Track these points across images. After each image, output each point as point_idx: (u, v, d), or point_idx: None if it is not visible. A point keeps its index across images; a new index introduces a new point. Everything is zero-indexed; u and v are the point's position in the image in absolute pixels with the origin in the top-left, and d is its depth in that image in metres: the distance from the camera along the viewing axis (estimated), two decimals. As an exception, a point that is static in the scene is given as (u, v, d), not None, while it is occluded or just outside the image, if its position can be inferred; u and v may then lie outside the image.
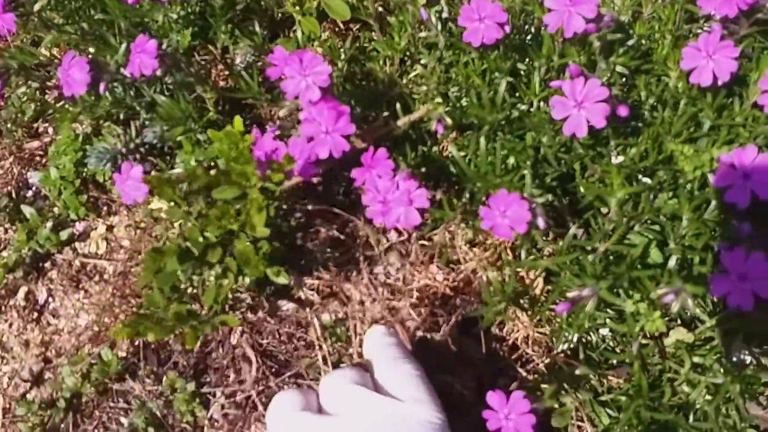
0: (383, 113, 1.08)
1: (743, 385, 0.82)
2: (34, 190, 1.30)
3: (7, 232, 1.28)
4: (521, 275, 1.02)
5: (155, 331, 0.84)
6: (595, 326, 0.93)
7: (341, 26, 1.28)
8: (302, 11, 1.20)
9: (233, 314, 1.08)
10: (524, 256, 0.90)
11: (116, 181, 1.03)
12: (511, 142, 0.94)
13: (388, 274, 1.09)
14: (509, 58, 0.97)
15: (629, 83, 0.95)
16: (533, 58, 0.95)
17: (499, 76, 0.96)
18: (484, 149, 0.91)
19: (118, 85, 1.14)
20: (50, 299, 1.21)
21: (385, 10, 1.20)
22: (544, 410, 0.96)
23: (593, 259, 0.82)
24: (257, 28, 1.20)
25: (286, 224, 1.12)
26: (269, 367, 1.07)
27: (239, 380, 1.08)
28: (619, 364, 0.96)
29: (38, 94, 1.34)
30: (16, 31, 1.09)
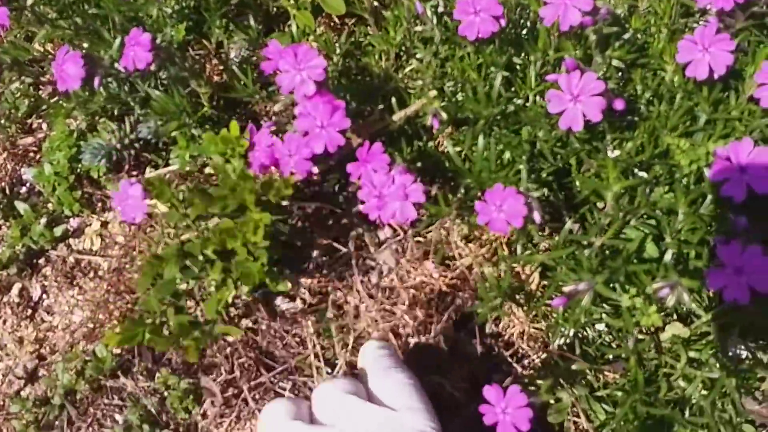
0: (378, 108, 1.07)
1: (739, 379, 0.82)
2: (28, 186, 1.30)
3: (0, 228, 1.27)
4: (517, 270, 1.02)
5: (160, 343, 0.84)
6: (591, 321, 0.93)
7: (336, 21, 1.28)
8: (297, 5, 1.20)
9: (232, 321, 1.08)
10: (520, 251, 0.90)
11: (115, 199, 0.99)
12: (506, 136, 0.94)
13: (382, 272, 1.09)
14: (505, 52, 0.96)
15: (625, 77, 0.95)
16: (529, 52, 0.95)
17: (494, 70, 0.95)
18: (479, 144, 0.91)
19: (112, 80, 1.14)
20: (44, 296, 1.20)
21: (380, 4, 1.20)
22: (539, 405, 0.96)
23: (589, 253, 0.81)
24: (252, 22, 1.19)
25: (282, 224, 1.11)
26: (263, 363, 1.07)
27: (232, 377, 1.07)
28: (615, 359, 0.96)
29: (32, 89, 1.34)
30: (9, 26, 1.08)
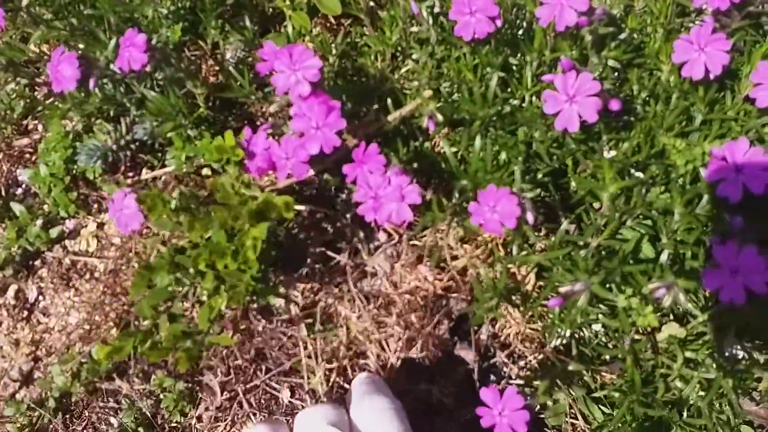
0: (374, 108, 1.07)
1: (736, 380, 0.82)
2: (23, 187, 1.30)
3: (-4, 230, 1.27)
4: (513, 271, 1.02)
5: (152, 355, 0.84)
6: (587, 321, 0.92)
7: (332, 21, 1.28)
8: (293, 6, 1.19)
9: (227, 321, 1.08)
10: (516, 251, 0.89)
11: (110, 210, 0.98)
12: (503, 137, 0.94)
13: (376, 277, 1.09)
14: (501, 52, 0.96)
15: (621, 77, 0.95)
16: (525, 52, 0.94)
17: (490, 70, 0.95)
18: (476, 145, 0.91)
19: (108, 81, 1.13)
20: (40, 297, 1.20)
21: (376, 4, 1.19)
22: (536, 406, 0.96)
23: (585, 254, 0.81)
24: (248, 23, 1.19)
25: (278, 224, 1.11)
26: (257, 364, 1.07)
27: (228, 379, 1.07)
28: (611, 359, 0.95)
29: (27, 90, 1.33)
30: (4, 27, 1.08)
